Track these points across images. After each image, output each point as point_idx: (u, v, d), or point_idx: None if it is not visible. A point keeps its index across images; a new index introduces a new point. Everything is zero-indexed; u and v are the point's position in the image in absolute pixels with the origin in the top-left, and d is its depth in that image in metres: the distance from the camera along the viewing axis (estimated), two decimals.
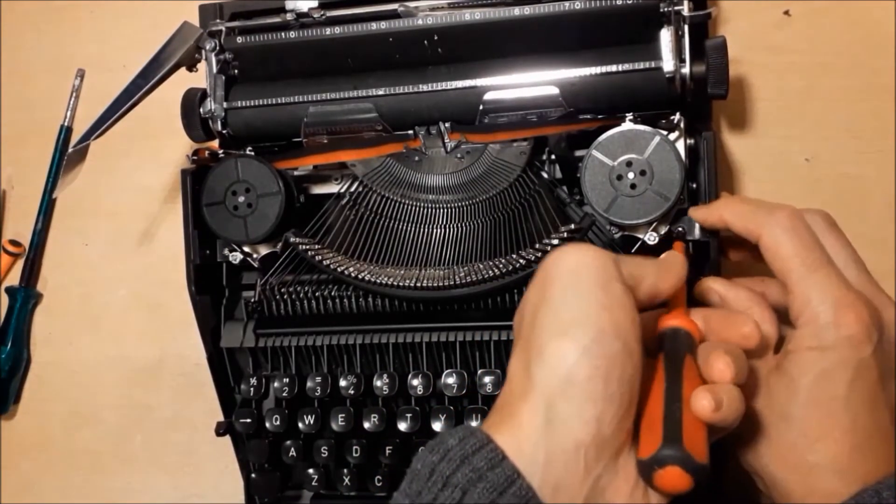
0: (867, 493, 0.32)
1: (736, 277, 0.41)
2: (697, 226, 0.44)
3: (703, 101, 0.46)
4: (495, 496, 0.29)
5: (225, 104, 0.50)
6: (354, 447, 0.48)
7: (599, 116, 0.45)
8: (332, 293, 0.48)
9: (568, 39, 0.46)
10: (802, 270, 0.35)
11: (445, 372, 0.47)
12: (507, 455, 0.30)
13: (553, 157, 0.47)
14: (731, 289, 0.39)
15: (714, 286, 0.39)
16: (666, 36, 0.45)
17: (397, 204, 0.48)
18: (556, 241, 0.43)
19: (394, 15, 0.48)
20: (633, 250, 0.44)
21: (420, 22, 0.47)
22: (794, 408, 0.34)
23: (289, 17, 0.49)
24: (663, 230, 0.44)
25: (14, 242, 0.63)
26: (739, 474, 0.45)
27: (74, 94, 0.62)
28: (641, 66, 0.44)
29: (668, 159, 0.43)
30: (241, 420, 0.49)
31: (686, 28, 0.44)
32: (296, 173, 0.50)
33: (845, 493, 0.33)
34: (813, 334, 0.35)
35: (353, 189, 0.49)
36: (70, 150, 0.48)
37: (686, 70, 0.44)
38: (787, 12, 0.52)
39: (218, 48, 0.50)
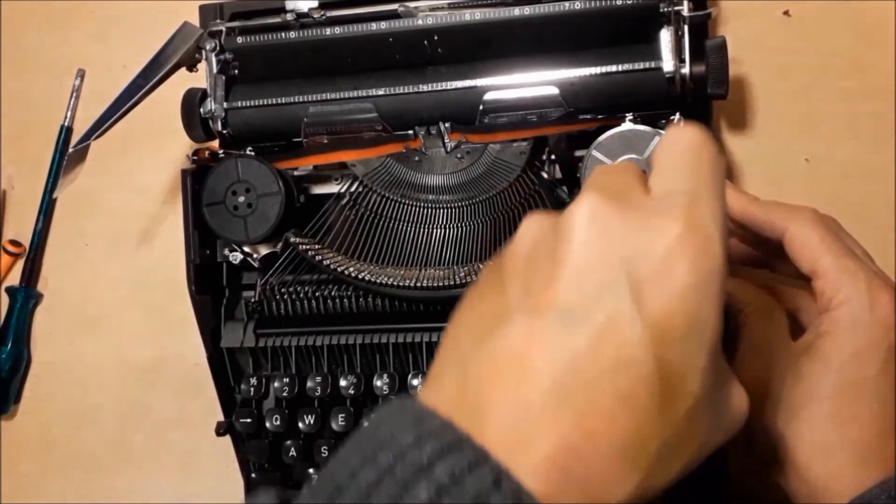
0: (893, 482, 0.33)
1: None
2: None
3: (703, 101, 0.46)
4: None
5: (225, 104, 0.50)
6: None
7: (599, 116, 0.45)
8: (332, 293, 0.48)
9: (568, 39, 0.46)
10: (832, 257, 0.36)
11: None
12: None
13: (553, 157, 0.47)
14: (738, 285, 0.39)
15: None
16: (666, 36, 0.45)
17: (397, 204, 0.48)
18: None
19: (394, 15, 0.48)
20: None
21: (420, 22, 0.47)
22: (824, 389, 0.35)
23: (289, 17, 0.49)
24: None
25: (14, 242, 0.63)
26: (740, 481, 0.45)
27: (74, 94, 0.62)
28: (641, 66, 0.44)
29: None
30: (241, 420, 0.50)
31: (686, 28, 0.44)
32: (296, 173, 0.50)
33: (867, 477, 0.33)
34: (848, 315, 0.35)
35: (353, 189, 0.49)
36: (70, 150, 0.48)
37: (686, 70, 0.44)
38: (786, 12, 0.52)
39: (218, 48, 0.50)
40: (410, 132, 0.49)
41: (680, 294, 0.23)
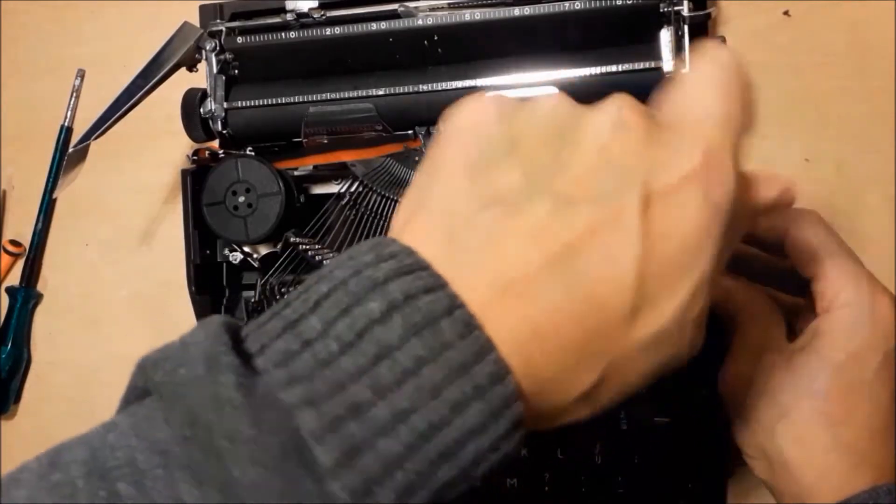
0: (882, 490, 0.33)
1: None
2: None
3: None
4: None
5: (225, 104, 0.50)
6: None
7: None
8: None
9: (568, 39, 0.46)
10: (835, 259, 0.36)
11: None
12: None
13: None
14: (737, 286, 0.39)
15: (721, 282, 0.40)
16: (666, 36, 0.45)
17: (398, 204, 0.48)
18: None
19: (394, 15, 0.48)
20: None
21: (420, 22, 0.47)
22: (819, 388, 0.35)
23: (289, 17, 0.49)
24: None
25: (14, 242, 0.63)
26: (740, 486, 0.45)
27: (74, 94, 0.62)
28: (641, 66, 0.44)
29: None
30: None
31: (686, 28, 0.44)
32: (296, 173, 0.50)
33: (857, 479, 0.34)
34: (848, 317, 0.35)
35: (353, 189, 0.49)
36: (70, 150, 0.48)
37: (686, 70, 0.44)
38: (786, 12, 0.52)
39: (218, 48, 0.50)
40: (410, 132, 0.49)
41: (683, 221, 0.23)
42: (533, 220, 0.23)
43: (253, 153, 0.49)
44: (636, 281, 0.22)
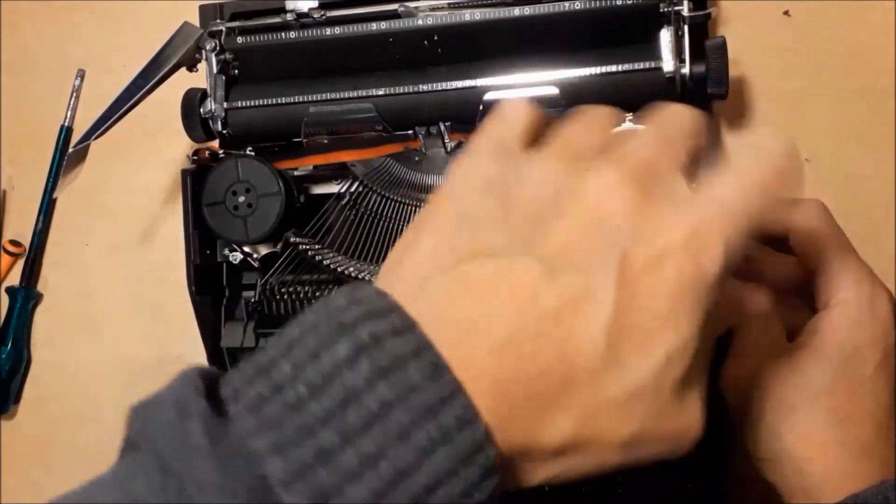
0: (890, 484, 0.33)
1: None
2: None
3: (703, 102, 0.46)
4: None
5: (225, 104, 0.50)
6: None
7: None
8: None
9: (568, 39, 0.46)
10: (838, 253, 0.37)
11: None
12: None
13: None
14: (735, 284, 0.39)
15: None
16: (666, 36, 0.45)
17: (397, 204, 0.48)
18: None
19: (394, 15, 0.48)
20: None
21: (420, 22, 0.47)
22: (823, 384, 0.35)
23: (289, 17, 0.49)
24: None
25: (14, 242, 0.63)
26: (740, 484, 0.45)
27: (74, 94, 0.62)
28: (641, 66, 0.45)
29: None
30: None
31: (686, 28, 0.44)
32: (296, 173, 0.50)
33: (864, 473, 0.34)
34: (850, 313, 0.35)
35: (353, 189, 0.49)
36: (70, 150, 0.48)
37: (686, 70, 0.44)
38: (786, 12, 0.52)
39: (218, 48, 0.50)
40: (410, 132, 0.49)
41: (657, 292, 0.23)
42: (510, 278, 0.23)
43: (253, 153, 0.49)
44: (606, 341, 0.22)
